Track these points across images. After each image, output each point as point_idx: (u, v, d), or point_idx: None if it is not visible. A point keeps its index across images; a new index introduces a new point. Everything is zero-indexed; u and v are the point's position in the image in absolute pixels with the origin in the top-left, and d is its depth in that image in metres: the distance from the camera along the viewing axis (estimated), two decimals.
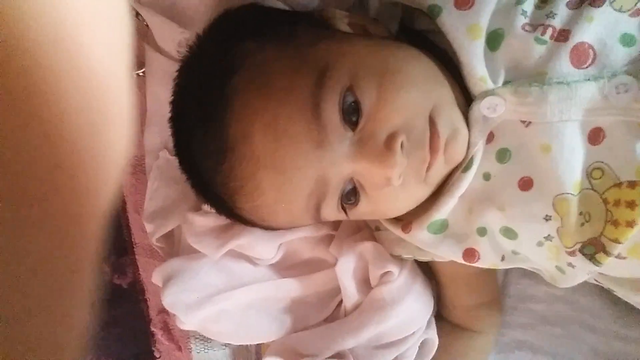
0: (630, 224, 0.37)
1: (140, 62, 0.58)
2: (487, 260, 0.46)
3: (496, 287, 0.56)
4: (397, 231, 0.48)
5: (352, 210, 0.43)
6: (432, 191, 0.44)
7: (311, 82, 0.38)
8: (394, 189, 0.40)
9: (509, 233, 0.44)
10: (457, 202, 0.44)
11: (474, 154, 0.42)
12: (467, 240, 0.45)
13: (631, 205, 0.37)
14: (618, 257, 0.39)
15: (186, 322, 0.54)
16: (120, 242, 0.68)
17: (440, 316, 0.57)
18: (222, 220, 0.54)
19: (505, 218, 0.42)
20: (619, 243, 0.38)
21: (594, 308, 0.53)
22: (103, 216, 0.18)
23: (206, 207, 0.54)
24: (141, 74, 0.58)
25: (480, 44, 0.41)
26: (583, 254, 0.40)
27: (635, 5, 0.38)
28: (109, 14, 0.17)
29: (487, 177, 0.43)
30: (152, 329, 0.64)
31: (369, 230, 0.55)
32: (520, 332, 0.56)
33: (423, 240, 0.46)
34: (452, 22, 0.41)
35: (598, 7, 0.38)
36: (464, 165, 0.42)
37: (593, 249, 0.40)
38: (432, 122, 0.40)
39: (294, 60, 0.39)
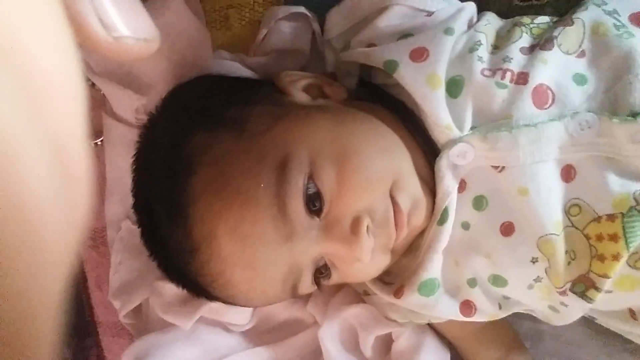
0: (617, 257, 0.37)
1: (97, 131, 0.56)
2: (485, 310, 0.45)
3: (512, 330, 0.52)
4: (388, 297, 0.46)
5: (325, 282, 0.44)
6: (399, 256, 0.44)
7: (273, 180, 0.38)
8: (363, 262, 0.41)
9: (498, 281, 0.43)
10: (442, 257, 0.43)
11: (448, 204, 0.41)
12: (460, 293, 0.44)
13: (614, 238, 0.37)
14: (606, 292, 0.39)
15: None
16: (82, 323, 0.63)
17: None
18: None
19: (492, 265, 0.42)
20: (608, 278, 0.38)
21: (579, 339, 0.52)
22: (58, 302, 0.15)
23: None
24: (99, 143, 0.56)
25: (441, 92, 0.41)
26: (574, 293, 0.40)
27: (579, 48, 0.40)
28: (64, 83, 0.15)
29: (466, 226, 0.42)
30: None
31: (351, 290, 0.53)
32: None
33: (417, 304, 0.45)
34: (410, 75, 0.42)
35: (549, 50, 0.40)
36: (439, 218, 0.42)
37: (583, 287, 0.39)
38: (393, 200, 0.40)
39: (251, 154, 0.39)
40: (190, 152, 0.40)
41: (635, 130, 0.37)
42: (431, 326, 0.52)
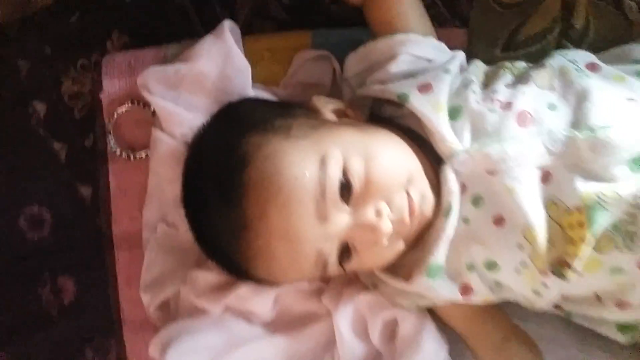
0: (583, 239, 0.48)
1: (143, 146, 0.66)
2: (481, 293, 0.54)
3: (508, 319, 0.60)
4: (398, 283, 0.55)
5: (347, 264, 0.53)
6: (409, 243, 0.54)
7: (315, 171, 0.48)
8: (380, 246, 0.51)
9: (491, 265, 0.52)
10: (447, 246, 0.52)
11: (452, 201, 0.51)
12: (459, 276, 0.53)
13: (581, 225, 0.48)
14: (578, 273, 0.49)
15: None
16: (107, 323, 0.68)
17: None
18: (223, 276, 0.59)
19: (486, 251, 0.52)
20: (577, 256, 0.48)
21: (558, 337, 0.60)
22: None
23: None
24: (144, 156, 0.65)
25: (444, 115, 0.53)
26: (553, 273, 0.50)
27: (550, 84, 0.54)
28: None
29: (466, 221, 0.52)
30: None
31: (361, 283, 0.61)
32: None
33: (425, 286, 0.54)
34: (419, 103, 0.54)
35: (526, 84, 0.53)
36: (444, 213, 0.52)
37: (559, 267, 0.49)
38: (407, 194, 0.51)
39: (296, 152, 0.50)
40: (244, 150, 0.50)
41: (594, 142, 0.49)
42: (437, 313, 0.60)
